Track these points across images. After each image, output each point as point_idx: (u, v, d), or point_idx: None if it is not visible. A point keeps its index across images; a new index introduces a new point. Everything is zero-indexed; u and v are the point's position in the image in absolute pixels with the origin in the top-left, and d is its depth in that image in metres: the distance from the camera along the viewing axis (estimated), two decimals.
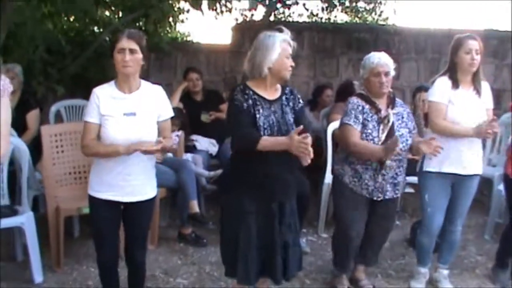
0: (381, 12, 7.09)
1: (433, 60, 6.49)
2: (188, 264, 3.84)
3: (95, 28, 5.94)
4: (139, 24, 5.67)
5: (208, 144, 4.86)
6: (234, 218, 2.66)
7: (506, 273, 3.61)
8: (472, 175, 3.28)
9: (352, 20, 7.22)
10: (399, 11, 7.78)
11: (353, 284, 3.49)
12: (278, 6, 6.49)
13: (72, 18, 5.86)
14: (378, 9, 7.05)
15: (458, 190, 3.30)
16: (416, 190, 3.77)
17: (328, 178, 4.12)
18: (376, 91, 3.16)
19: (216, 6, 5.76)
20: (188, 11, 6.17)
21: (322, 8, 6.60)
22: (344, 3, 6.68)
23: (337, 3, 6.60)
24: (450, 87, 3.20)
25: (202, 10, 5.55)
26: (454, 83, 3.20)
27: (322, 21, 6.69)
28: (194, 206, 4.05)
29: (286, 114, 2.68)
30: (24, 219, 3.40)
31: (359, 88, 3.83)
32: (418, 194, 3.46)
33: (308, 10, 6.63)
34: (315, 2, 6.55)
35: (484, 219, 4.67)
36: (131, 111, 2.63)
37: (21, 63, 4.61)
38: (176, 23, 6.55)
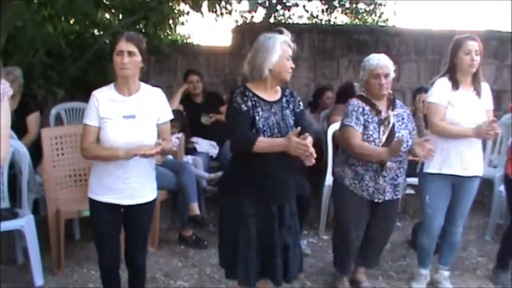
0: (381, 13, 7.11)
1: (433, 62, 6.47)
2: (189, 266, 3.83)
3: (95, 31, 5.94)
4: (139, 27, 5.68)
5: (208, 146, 4.87)
6: (234, 219, 2.66)
7: (507, 274, 3.61)
8: (473, 177, 3.26)
9: (352, 21, 7.23)
10: (399, 12, 7.81)
11: (354, 286, 3.49)
12: (278, 8, 6.51)
13: (72, 21, 5.85)
14: (378, 10, 7.07)
15: (459, 192, 3.29)
16: (417, 192, 3.77)
17: (329, 180, 4.12)
18: (376, 93, 3.16)
19: (216, 8, 5.75)
20: (188, 13, 6.20)
21: (322, 10, 6.61)
22: (344, 5, 6.69)
23: (337, 5, 6.61)
24: (450, 88, 3.19)
25: (202, 12, 5.55)
26: (454, 84, 3.20)
27: (322, 22, 6.68)
28: (195, 208, 4.05)
29: (286, 116, 2.68)
30: (25, 222, 3.40)
31: (359, 89, 3.84)
32: (419, 195, 3.46)
33: (308, 12, 6.64)
34: (315, 3, 6.56)
35: (485, 220, 4.67)
36: (131, 113, 2.62)
37: (21, 66, 4.61)
38: (176, 25, 6.56)
